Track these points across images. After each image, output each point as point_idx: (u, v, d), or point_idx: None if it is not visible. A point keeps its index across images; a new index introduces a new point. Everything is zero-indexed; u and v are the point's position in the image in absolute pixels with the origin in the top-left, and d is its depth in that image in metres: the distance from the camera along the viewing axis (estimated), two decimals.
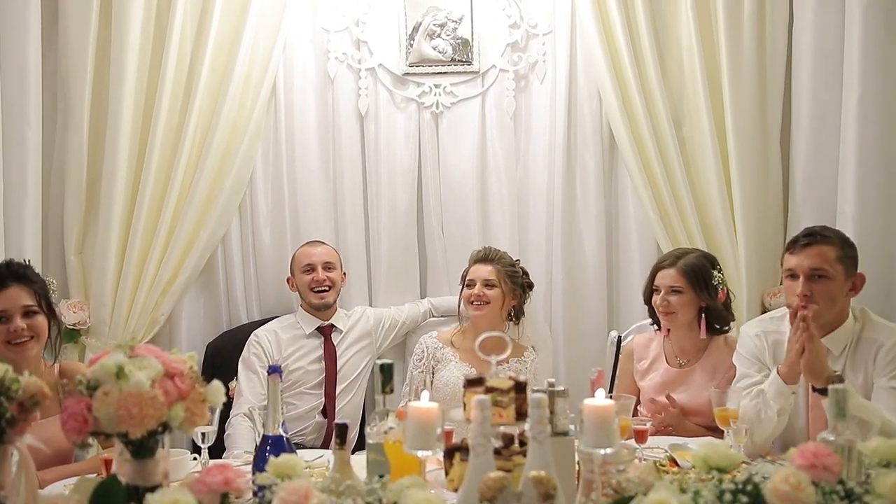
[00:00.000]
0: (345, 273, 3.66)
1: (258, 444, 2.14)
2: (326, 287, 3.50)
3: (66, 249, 3.57)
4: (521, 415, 1.86)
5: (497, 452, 1.89)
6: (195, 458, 2.48)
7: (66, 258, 3.57)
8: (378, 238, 3.84)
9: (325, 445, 3.35)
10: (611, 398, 1.77)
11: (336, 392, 3.49)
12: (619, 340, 3.44)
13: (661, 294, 3.00)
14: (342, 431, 1.86)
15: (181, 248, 3.59)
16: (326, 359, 3.51)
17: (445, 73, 3.82)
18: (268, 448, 2.06)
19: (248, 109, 3.68)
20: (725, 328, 3.08)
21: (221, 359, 3.62)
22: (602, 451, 1.70)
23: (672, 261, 3.04)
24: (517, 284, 3.31)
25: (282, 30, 3.71)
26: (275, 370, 2.10)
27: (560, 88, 3.79)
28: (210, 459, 2.44)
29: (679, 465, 2.38)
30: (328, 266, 3.52)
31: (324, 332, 3.55)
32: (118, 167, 3.49)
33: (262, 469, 1.79)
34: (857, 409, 2.33)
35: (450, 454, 2.09)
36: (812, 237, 2.62)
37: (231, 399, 3.36)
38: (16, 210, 3.37)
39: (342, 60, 3.80)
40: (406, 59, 3.80)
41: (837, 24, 3.52)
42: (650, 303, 3.10)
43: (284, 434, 2.11)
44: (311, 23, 3.81)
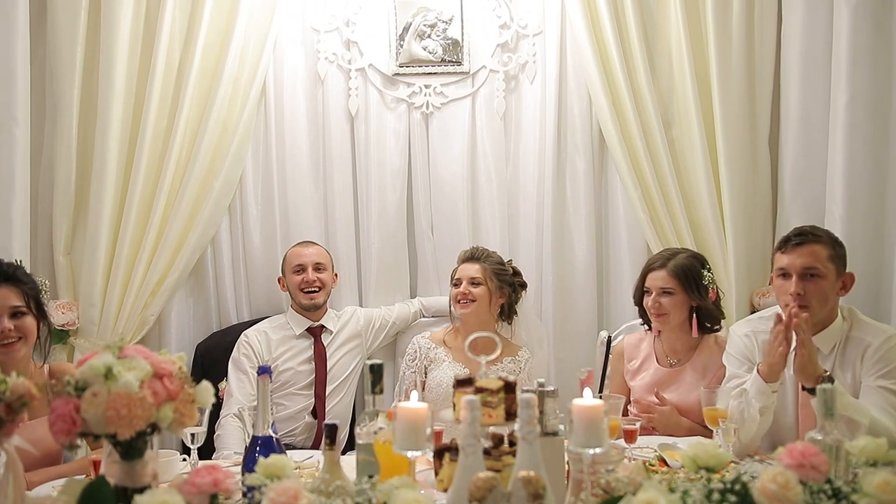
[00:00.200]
0: (336, 274, 3.65)
1: (248, 445, 2.14)
2: (316, 288, 3.50)
3: (55, 250, 3.55)
4: (511, 415, 1.86)
5: (487, 452, 1.89)
6: (184, 459, 2.48)
7: (55, 258, 3.55)
8: (368, 238, 3.84)
9: (316, 446, 3.35)
10: (600, 398, 1.78)
11: (326, 393, 3.48)
12: (609, 340, 3.44)
13: (653, 296, 3.01)
14: (332, 432, 1.86)
15: (171, 249, 3.58)
16: (316, 359, 3.50)
17: (435, 74, 3.83)
18: (257, 449, 2.05)
19: (238, 110, 3.67)
20: (716, 327, 3.09)
21: (211, 359, 3.61)
22: (591, 451, 1.70)
23: (662, 262, 3.04)
24: (505, 283, 3.31)
25: (272, 30, 3.70)
26: (264, 371, 2.10)
27: (550, 89, 3.80)
28: (199, 460, 2.44)
29: (668, 465, 2.39)
30: (318, 267, 3.51)
31: (314, 333, 3.55)
32: (107, 167, 3.48)
33: (252, 470, 1.78)
34: (846, 409, 2.35)
35: (439, 454, 2.09)
36: (804, 236, 2.63)
37: (221, 400, 3.36)
38: (4, 210, 3.35)
39: (332, 61, 3.80)
40: (396, 60, 3.80)
41: (826, 26, 3.54)
42: (641, 304, 3.11)
43: (274, 435, 2.10)
44: (301, 23, 3.80)
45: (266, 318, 3.65)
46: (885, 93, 3.50)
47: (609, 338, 3.46)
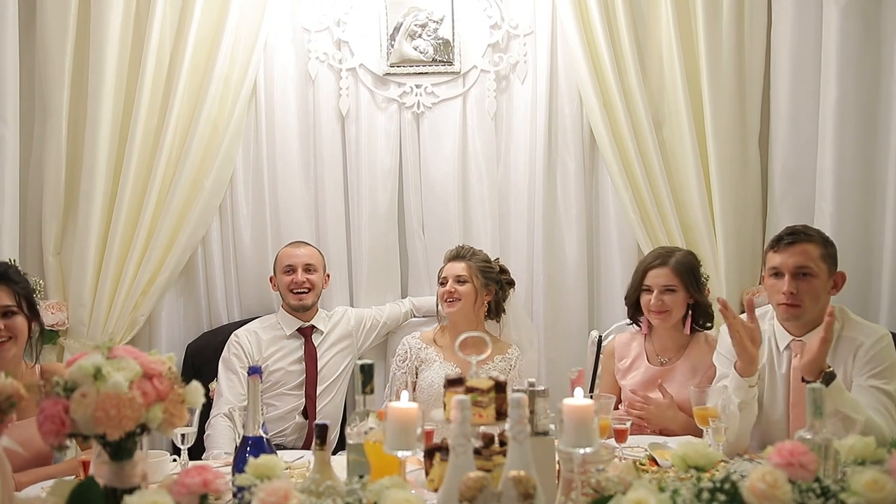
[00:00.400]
0: (328, 275, 3.65)
1: (238, 445, 2.14)
2: (305, 289, 3.49)
3: (45, 250, 3.54)
4: (501, 414, 1.86)
5: (477, 452, 1.89)
6: (174, 460, 2.47)
7: (45, 258, 3.54)
8: (359, 238, 3.83)
9: (306, 446, 3.34)
10: (591, 398, 1.78)
11: (317, 393, 3.48)
12: (600, 340, 3.45)
13: (655, 294, 3.00)
14: (323, 432, 1.86)
15: (161, 249, 3.57)
16: (307, 359, 3.50)
17: (426, 74, 3.83)
18: (248, 449, 2.05)
19: (229, 109, 3.66)
20: (709, 324, 3.10)
21: (202, 360, 3.61)
22: (582, 451, 1.70)
23: (663, 260, 3.05)
24: (491, 280, 3.31)
25: (262, 29, 3.70)
26: (255, 371, 2.10)
27: (541, 89, 3.80)
28: (190, 461, 2.43)
29: (658, 464, 2.39)
30: (308, 268, 3.50)
31: (304, 333, 3.54)
32: (97, 167, 3.47)
33: (242, 470, 1.78)
34: (845, 405, 2.36)
35: (430, 454, 2.09)
36: (796, 235, 2.64)
37: (211, 400, 3.35)
38: None
39: (323, 60, 3.79)
40: (387, 60, 3.80)
41: (815, 26, 3.56)
42: (635, 304, 3.11)
43: (264, 435, 2.10)
44: (292, 23, 3.80)
45: (257, 318, 3.65)
46: (874, 91, 3.53)
47: (600, 338, 3.47)
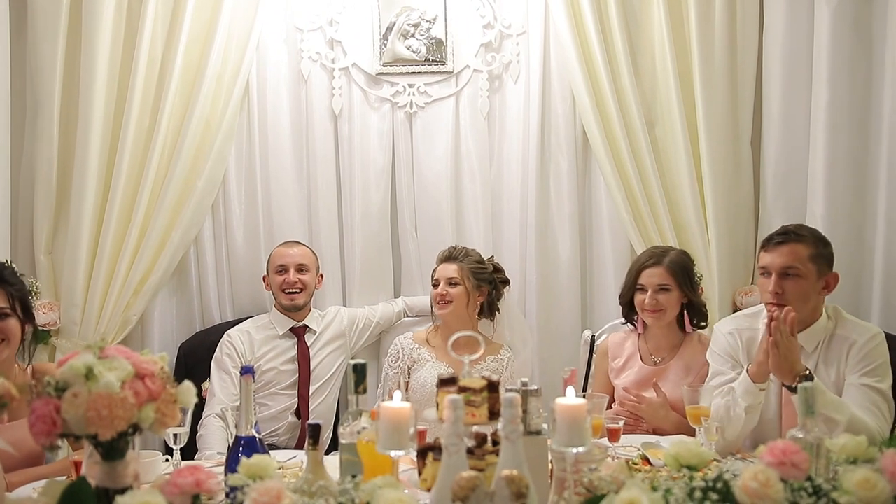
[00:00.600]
0: (322, 275, 3.64)
1: (231, 445, 2.13)
2: (297, 289, 3.49)
3: (36, 249, 3.52)
4: (494, 414, 1.86)
5: (470, 452, 1.89)
6: (167, 460, 2.47)
7: (36, 258, 3.52)
8: (352, 238, 3.83)
9: (299, 446, 3.33)
10: (584, 397, 1.78)
11: (309, 393, 3.47)
12: (593, 340, 3.45)
13: (650, 293, 3.01)
14: (315, 432, 1.86)
15: (153, 248, 3.56)
16: (300, 359, 3.49)
17: (419, 73, 3.82)
18: (240, 449, 2.05)
19: (221, 108, 3.65)
20: (703, 323, 3.11)
21: (194, 359, 3.60)
22: (574, 450, 1.71)
23: (657, 259, 3.05)
24: (483, 281, 3.31)
25: (255, 28, 3.69)
26: (247, 371, 2.09)
27: (534, 89, 3.80)
28: (182, 461, 2.43)
29: (651, 464, 2.40)
30: (301, 268, 3.50)
31: (297, 333, 3.53)
32: (89, 166, 3.45)
33: (235, 470, 1.78)
34: (825, 407, 2.37)
35: (423, 454, 2.09)
36: (786, 236, 2.66)
37: (204, 400, 3.35)
38: None
39: (316, 60, 3.79)
40: (380, 59, 3.80)
41: (807, 26, 3.57)
42: (629, 303, 3.12)
43: (257, 435, 2.10)
44: (285, 22, 3.79)
45: (249, 318, 3.64)
46: (865, 93, 3.54)
47: (593, 337, 3.47)
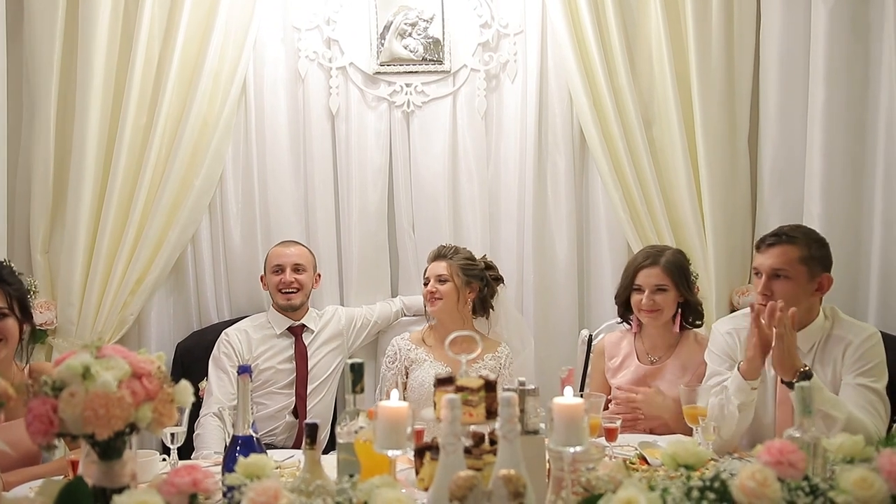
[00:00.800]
0: (319, 275, 3.64)
1: (228, 445, 2.13)
2: (294, 289, 3.48)
3: (33, 248, 3.52)
4: (492, 413, 1.86)
5: (467, 451, 1.89)
6: (164, 459, 2.46)
7: (33, 257, 3.52)
8: (349, 237, 3.83)
9: (297, 445, 3.33)
10: (581, 397, 1.78)
11: (307, 392, 3.47)
12: (590, 339, 3.45)
13: (647, 293, 3.01)
14: (313, 431, 1.86)
15: (150, 247, 3.56)
16: (297, 358, 3.49)
17: (416, 73, 3.82)
18: (237, 448, 2.05)
19: (218, 107, 3.65)
20: (698, 322, 3.11)
21: (192, 359, 3.60)
22: (572, 450, 1.71)
23: (654, 259, 3.06)
24: (474, 277, 3.31)
25: (252, 27, 3.68)
26: (245, 370, 2.09)
27: (531, 88, 3.80)
28: (180, 460, 2.42)
29: (648, 463, 2.40)
30: (297, 268, 3.49)
31: (294, 332, 3.53)
32: (86, 164, 3.45)
33: (232, 469, 1.78)
34: (824, 404, 2.38)
35: (420, 453, 2.09)
36: (777, 237, 2.67)
37: (201, 399, 3.34)
38: None
39: (313, 59, 3.78)
40: (377, 58, 3.79)
41: (804, 26, 3.57)
42: (625, 303, 3.12)
43: (254, 434, 2.10)
44: (282, 21, 3.79)
45: (247, 317, 3.64)
46: (862, 92, 3.55)
47: (590, 337, 3.47)
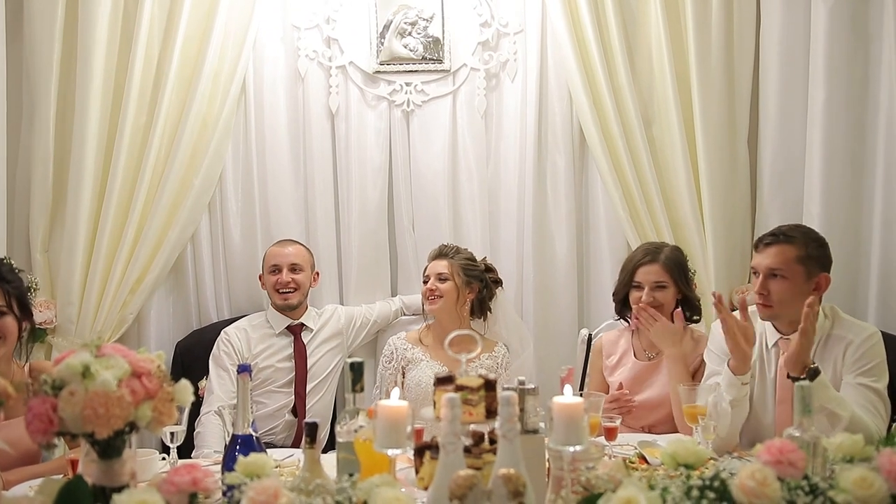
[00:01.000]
0: (317, 273, 3.64)
1: (228, 444, 2.13)
2: (291, 289, 3.48)
3: (32, 247, 3.52)
4: (491, 413, 1.86)
5: (467, 450, 1.89)
6: (164, 458, 2.46)
7: (32, 256, 3.52)
8: (349, 236, 3.82)
9: (296, 444, 3.33)
10: (581, 396, 1.78)
11: (306, 391, 3.47)
12: (590, 338, 3.46)
13: (647, 290, 3.02)
14: (312, 430, 1.86)
15: (150, 246, 3.56)
16: (296, 357, 3.49)
17: (416, 72, 3.82)
18: (237, 447, 2.05)
19: (218, 106, 3.64)
20: (696, 318, 3.12)
21: (191, 358, 3.60)
22: (571, 449, 1.71)
23: (653, 256, 3.07)
24: (474, 278, 3.32)
25: (252, 26, 3.68)
26: (244, 369, 2.09)
27: (531, 87, 3.79)
28: (179, 459, 2.42)
29: (648, 462, 2.40)
30: (294, 268, 3.49)
31: (293, 331, 3.53)
32: (85, 163, 3.44)
33: (232, 468, 1.78)
34: (829, 401, 2.38)
35: (420, 452, 2.09)
36: (774, 237, 2.68)
37: (200, 398, 3.35)
38: None
39: (313, 58, 3.78)
40: (377, 58, 3.79)
41: (804, 26, 3.57)
42: (623, 300, 3.12)
43: (254, 433, 2.10)
44: (282, 20, 3.78)
45: (246, 316, 3.64)
46: (862, 91, 3.55)
47: (590, 336, 3.48)
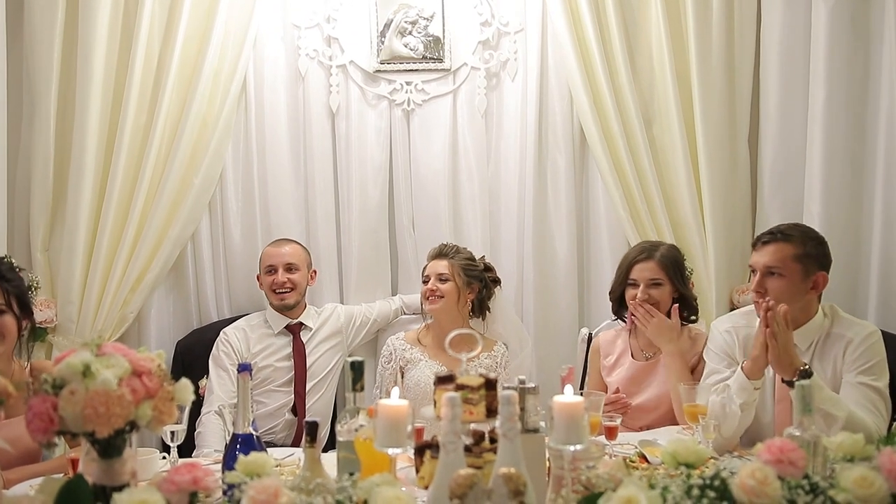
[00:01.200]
0: (315, 271, 3.64)
1: (228, 443, 2.13)
2: (287, 289, 3.48)
3: (33, 246, 3.52)
4: (492, 412, 1.86)
5: (468, 449, 1.89)
6: (164, 457, 2.46)
7: (33, 255, 3.52)
8: (349, 235, 3.82)
9: (296, 443, 3.33)
10: (581, 395, 1.78)
11: (306, 390, 3.47)
12: (590, 338, 3.46)
13: (642, 287, 3.02)
14: (312, 429, 1.86)
15: (150, 246, 3.56)
16: (295, 356, 3.49)
17: (417, 71, 3.82)
18: (238, 446, 2.05)
19: (218, 105, 3.64)
20: (693, 317, 3.11)
21: (192, 357, 3.60)
22: (572, 448, 1.71)
23: (648, 254, 3.06)
24: (474, 278, 3.32)
25: (252, 25, 3.68)
26: (244, 368, 2.09)
27: (531, 86, 3.79)
28: (180, 458, 2.42)
29: (648, 461, 2.40)
30: (290, 267, 3.49)
31: (292, 330, 3.53)
32: (86, 163, 3.44)
33: (232, 468, 1.78)
34: (824, 402, 2.38)
35: (420, 451, 2.09)
36: (773, 235, 2.68)
37: (201, 397, 3.35)
38: None
39: (313, 57, 3.78)
40: (377, 57, 3.79)
41: (804, 26, 3.57)
42: (619, 298, 3.12)
43: (254, 432, 2.10)
44: (282, 19, 3.78)
45: (245, 316, 3.64)
46: (862, 90, 3.55)
47: (590, 335, 3.48)
